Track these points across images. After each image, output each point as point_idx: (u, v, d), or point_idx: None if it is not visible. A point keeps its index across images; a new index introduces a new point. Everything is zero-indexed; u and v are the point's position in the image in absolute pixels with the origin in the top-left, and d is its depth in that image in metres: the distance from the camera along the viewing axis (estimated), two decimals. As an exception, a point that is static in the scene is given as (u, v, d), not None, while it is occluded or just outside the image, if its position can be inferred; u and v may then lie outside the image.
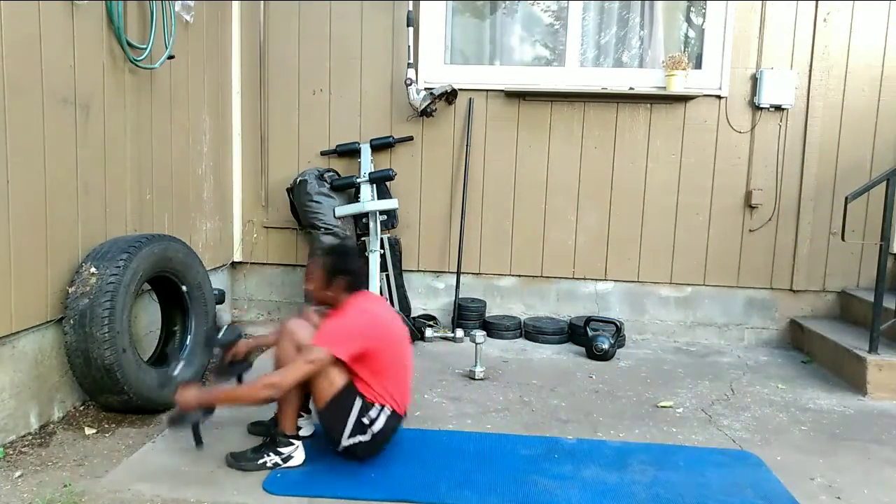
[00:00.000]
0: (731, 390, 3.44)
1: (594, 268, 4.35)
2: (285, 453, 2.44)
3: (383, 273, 4.18)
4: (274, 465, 2.43)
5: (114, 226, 3.10)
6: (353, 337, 2.37)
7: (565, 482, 2.38)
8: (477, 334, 3.50)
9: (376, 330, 2.44)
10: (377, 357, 2.40)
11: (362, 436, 2.39)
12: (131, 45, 3.12)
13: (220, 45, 4.18)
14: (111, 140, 3.07)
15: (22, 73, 2.53)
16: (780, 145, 4.17)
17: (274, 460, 2.43)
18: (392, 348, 2.48)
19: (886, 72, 4.07)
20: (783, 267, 4.23)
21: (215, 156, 4.14)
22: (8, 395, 2.56)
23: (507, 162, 4.32)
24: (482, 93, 4.29)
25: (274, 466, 2.42)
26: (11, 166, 2.48)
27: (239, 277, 4.57)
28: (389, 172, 4.11)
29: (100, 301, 2.64)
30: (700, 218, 4.26)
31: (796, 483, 2.44)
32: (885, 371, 3.35)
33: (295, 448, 2.46)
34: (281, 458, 2.44)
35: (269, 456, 2.44)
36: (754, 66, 4.13)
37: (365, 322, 2.43)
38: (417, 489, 2.30)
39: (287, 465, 2.44)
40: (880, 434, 2.93)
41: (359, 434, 2.39)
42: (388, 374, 2.44)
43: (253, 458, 2.44)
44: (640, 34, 4.38)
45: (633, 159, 4.26)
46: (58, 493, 2.21)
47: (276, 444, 2.45)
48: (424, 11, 4.25)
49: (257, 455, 2.44)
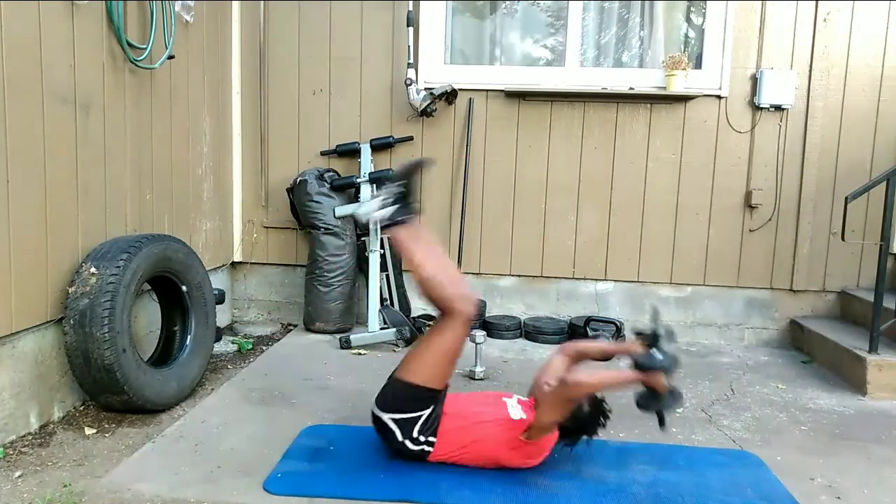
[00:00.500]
0: (731, 390, 3.44)
1: (594, 268, 4.35)
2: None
3: (383, 273, 4.18)
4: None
5: (114, 226, 3.10)
6: None
7: (565, 482, 2.38)
8: (477, 334, 3.49)
9: None
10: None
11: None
12: (131, 45, 3.12)
13: (220, 46, 4.18)
14: (111, 140, 3.07)
15: (22, 73, 2.53)
16: (780, 145, 4.17)
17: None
18: None
19: (886, 72, 4.07)
20: (783, 267, 4.23)
21: (215, 156, 4.14)
22: (8, 395, 2.56)
23: (507, 162, 4.32)
24: (482, 93, 4.29)
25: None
26: (11, 166, 2.48)
27: (239, 277, 4.57)
28: (389, 172, 4.11)
29: (100, 301, 2.64)
30: (700, 218, 4.26)
31: (796, 483, 2.44)
32: (885, 371, 3.35)
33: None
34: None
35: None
36: (754, 66, 4.13)
37: None
38: (417, 489, 2.30)
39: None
40: (880, 434, 2.93)
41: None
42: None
43: None
44: (640, 34, 4.38)
45: (633, 159, 4.26)
46: (58, 493, 2.21)
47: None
48: (424, 11, 4.25)
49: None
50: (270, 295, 4.57)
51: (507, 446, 2.37)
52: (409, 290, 4.39)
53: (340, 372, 3.52)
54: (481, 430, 2.39)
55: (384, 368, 3.57)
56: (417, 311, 4.41)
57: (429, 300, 2.39)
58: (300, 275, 4.41)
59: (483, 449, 2.39)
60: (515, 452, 2.38)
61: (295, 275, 4.49)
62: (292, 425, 2.77)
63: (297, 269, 4.48)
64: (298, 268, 4.46)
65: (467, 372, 3.50)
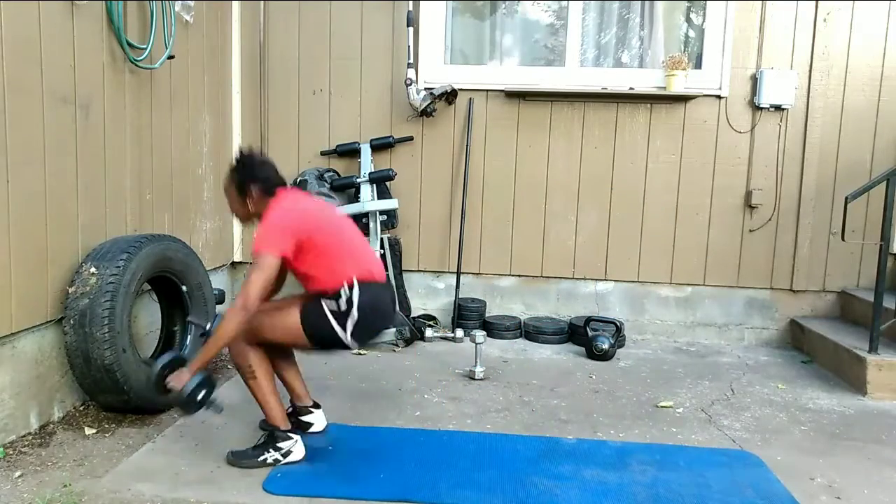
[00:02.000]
0: (731, 390, 3.44)
1: (594, 268, 4.35)
2: (284, 448, 2.45)
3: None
4: (274, 461, 2.43)
5: (114, 226, 3.10)
6: (282, 233, 2.33)
7: (565, 482, 2.38)
8: (477, 334, 3.50)
9: (299, 219, 2.40)
10: (314, 243, 2.37)
11: (350, 319, 2.39)
12: (131, 45, 3.12)
13: (220, 45, 4.18)
14: (111, 140, 3.07)
15: (22, 73, 2.53)
16: (780, 145, 4.17)
17: (274, 456, 2.44)
18: (326, 229, 2.44)
19: (886, 72, 4.07)
20: (783, 267, 4.23)
21: (215, 156, 4.14)
22: (8, 395, 2.56)
23: (507, 162, 4.32)
24: (482, 93, 4.29)
25: (274, 462, 2.43)
26: (11, 166, 2.48)
27: (239, 277, 4.57)
28: (389, 172, 4.11)
29: (100, 301, 2.64)
30: (700, 218, 4.26)
31: (796, 483, 2.44)
32: (885, 371, 3.35)
33: (294, 442, 2.46)
34: (280, 453, 2.44)
35: (268, 452, 2.44)
36: (754, 66, 4.13)
37: (285, 216, 2.38)
38: (417, 489, 2.30)
39: (287, 460, 2.44)
40: (880, 434, 2.93)
41: (347, 320, 2.39)
42: (333, 255, 2.41)
43: (253, 455, 2.44)
44: (640, 34, 4.38)
45: (633, 159, 4.26)
46: (58, 493, 2.21)
47: (276, 440, 2.45)
48: (424, 11, 4.25)
49: (257, 452, 2.45)
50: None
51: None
52: (409, 290, 4.40)
53: (340, 372, 3.52)
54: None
55: (384, 368, 3.61)
56: (417, 311, 4.41)
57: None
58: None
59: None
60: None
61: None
62: (292, 425, 2.77)
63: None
64: (298, 268, 4.46)
65: (467, 372, 3.51)
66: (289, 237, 2.33)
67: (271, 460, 2.43)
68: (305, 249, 2.37)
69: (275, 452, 2.44)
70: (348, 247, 2.48)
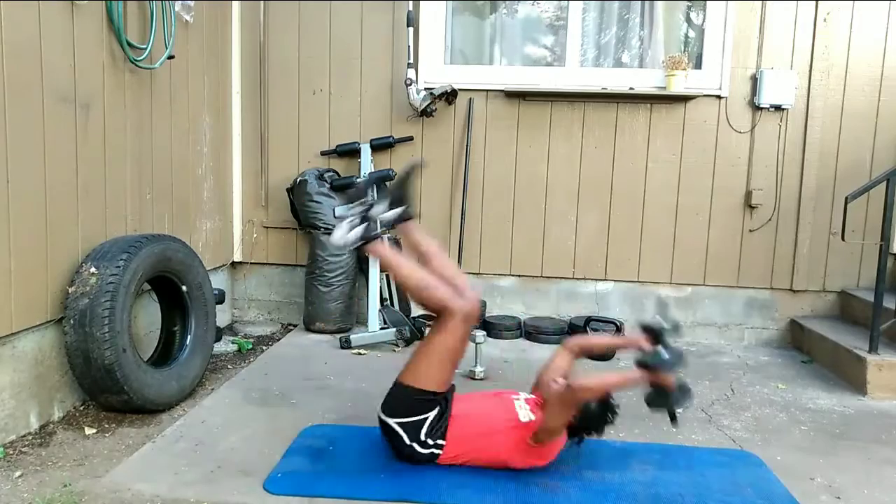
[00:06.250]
0: (731, 390, 3.44)
1: (594, 268, 4.35)
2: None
3: (383, 273, 4.18)
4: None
5: (114, 226, 3.10)
6: None
7: (565, 482, 2.38)
8: (477, 334, 3.49)
9: None
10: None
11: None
12: (131, 45, 3.12)
13: (220, 45, 4.18)
14: (111, 140, 3.07)
15: (22, 73, 2.53)
16: (780, 145, 4.17)
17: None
18: None
19: (886, 72, 4.07)
20: (783, 267, 4.23)
21: (215, 156, 4.14)
22: (8, 395, 2.56)
23: (507, 162, 4.32)
24: (482, 93, 4.29)
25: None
26: (11, 166, 2.48)
27: (239, 277, 4.57)
28: (389, 172, 4.11)
29: (100, 301, 2.64)
30: (700, 218, 4.26)
31: (796, 483, 2.44)
32: (885, 371, 3.35)
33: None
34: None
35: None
36: (754, 66, 4.13)
37: None
38: (417, 489, 2.30)
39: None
40: (880, 434, 2.94)
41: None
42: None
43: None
44: (640, 34, 4.38)
45: (633, 159, 4.26)
46: (58, 493, 2.21)
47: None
48: (424, 11, 4.25)
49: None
50: (270, 295, 4.57)
51: (516, 449, 2.37)
52: (409, 290, 4.39)
53: (340, 372, 3.52)
54: (491, 433, 2.38)
55: (384, 368, 3.60)
56: (417, 311, 4.40)
57: (421, 305, 2.40)
58: (300, 275, 4.40)
59: (493, 451, 2.38)
60: (524, 455, 2.38)
61: (295, 275, 4.49)
62: (292, 425, 2.77)
63: (297, 269, 4.48)
64: (298, 268, 4.46)
65: (467, 372, 3.50)
66: None
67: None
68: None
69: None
70: None
